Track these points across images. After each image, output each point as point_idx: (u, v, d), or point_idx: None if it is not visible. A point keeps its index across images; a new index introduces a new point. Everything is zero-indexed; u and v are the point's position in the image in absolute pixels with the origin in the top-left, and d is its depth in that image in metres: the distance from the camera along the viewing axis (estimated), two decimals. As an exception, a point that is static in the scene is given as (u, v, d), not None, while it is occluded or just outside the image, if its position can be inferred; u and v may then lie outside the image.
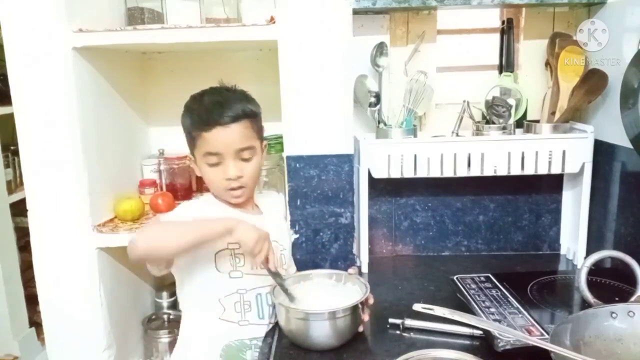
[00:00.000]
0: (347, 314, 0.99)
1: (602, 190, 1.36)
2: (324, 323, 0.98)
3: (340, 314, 0.98)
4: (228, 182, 1.06)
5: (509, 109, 1.38)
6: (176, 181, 1.57)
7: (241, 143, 1.05)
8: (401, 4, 1.32)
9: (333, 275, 1.13)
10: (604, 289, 1.15)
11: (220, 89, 1.11)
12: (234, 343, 1.09)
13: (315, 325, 0.99)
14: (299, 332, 1.01)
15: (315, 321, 0.98)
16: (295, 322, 1.01)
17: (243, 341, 1.09)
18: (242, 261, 1.10)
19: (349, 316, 0.99)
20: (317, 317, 0.99)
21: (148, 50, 1.62)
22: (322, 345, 1.00)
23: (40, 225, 1.31)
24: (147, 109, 1.67)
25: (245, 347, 1.10)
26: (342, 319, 0.98)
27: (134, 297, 1.56)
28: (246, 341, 1.10)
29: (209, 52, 1.61)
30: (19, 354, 2.13)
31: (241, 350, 1.09)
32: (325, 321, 0.98)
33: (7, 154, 2.20)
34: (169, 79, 1.65)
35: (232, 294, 1.09)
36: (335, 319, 0.98)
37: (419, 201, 1.51)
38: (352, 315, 1.00)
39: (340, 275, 1.12)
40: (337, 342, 1.00)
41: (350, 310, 0.99)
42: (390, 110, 1.50)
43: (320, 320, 0.98)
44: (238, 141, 1.05)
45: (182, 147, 1.62)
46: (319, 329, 0.99)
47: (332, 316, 0.98)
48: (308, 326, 0.99)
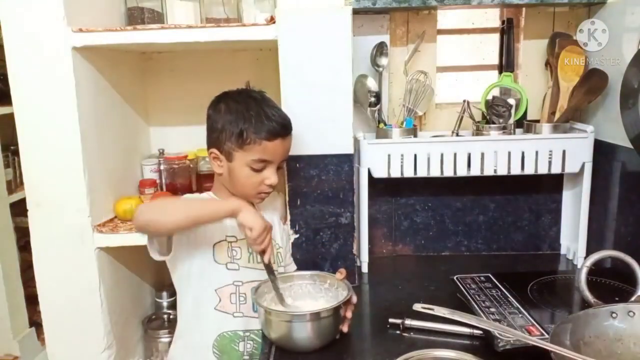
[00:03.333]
0: (329, 315, 0.98)
1: (602, 190, 1.36)
2: (306, 325, 0.98)
3: (323, 314, 0.98)
4: (265, 187, 1.10)
5: (509, 109, 1.38)
6: (176, 181, 1.57)
7: (286, 155, 1.14)
8: (401, 4, 1.32)
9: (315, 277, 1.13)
10: (604, 289, 1.15)
11: (269, 98, 1.15)
12: (227, 334, 1.12)
13: (298, 327, 0.98)
14: (281, 334, 1.00)
15: (297, 322, 0.98)
16: (277, 324, 1.00)
17: (237, 332, 1.12)
18: (239, 254, 1.13)
19: (331, 317, 0.99)
20: (299, 319, 0.99)
21: (148, 50, 1.62)
22: (305, 347, 1.00)
23: (40, 225, 1.31)
24: (147, 109, 1.67)
25: (238, 338, 1.12)
26: (324, 319, 0.98)
27: (134, 297, 1.56)
28: (240, 332, 1.12)
29: (209, 52, 1.61)
30: (19, 354, 2.13)
31: (234, 340, 1.12)
32: (307, 322, 0.98)
33: (7, 154, 2.20)
34: (169, 79, 1.65)
35: (228, 285, 1.11)
36: (318, 320, 0.98)
37: (419, 201, 1.51)
38: (334, 316, 0.99)
39: (333, 279, 1.11)
40: (320, 343, 1.00)
41: (332, 312, 0.99)
42: (390, 110, 1.51)
43: (302, 322, 0.98)
44: (286, 153, 1.13)
45: (182, 147, 1.64)
46: (301, 331, 0.98)
47: (314, 317, 0.98)
48: (290, 328, 0.99)
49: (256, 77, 1.63)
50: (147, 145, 1.68)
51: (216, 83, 1.64)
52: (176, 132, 1.68)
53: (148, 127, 1.69)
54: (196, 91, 1.64)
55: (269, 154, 1.08)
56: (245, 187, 1.11)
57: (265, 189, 1.11)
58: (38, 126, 1.27)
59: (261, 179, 1.09)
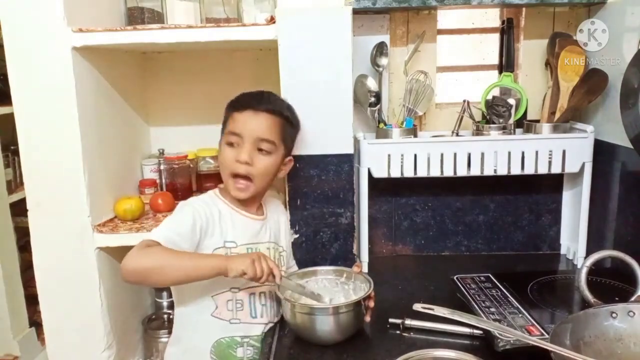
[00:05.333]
0: (350, 310, 1.02)
1: (602, 190, 1.36)
2: (329, 318, 1.02)
3: (343, 309, 1.02)
4: (236, 164, 1.07)
5: (509, 109, 1.38)
6: (176, 181, 1.57)
7: (263, 133, 1.08)
8: (401, 4, 1.32)
9: (342, 273, 1.17)
10: (604, 289, 1.15)
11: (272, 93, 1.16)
12: (224, 340, 1.11)
13: (320, 320, 1.03)
14: (305, 326, 1.05)
15: (320, 316, 1.03)
16: (301, 316, 1.04)
17: (234, 338, 1.12)
18: None
19: (352, 312, 1.02)
20: (322, 312, 1.03)
21: (148, 50, 1.62)
22: (327, 340, 1.03)
23: (40, 225, 1.31)
24: (147, 109, 1.67)
25: (236, 343, 1.11)
26: (345, 314, 1.02)
27: (134, 297, 1.56)
28: (237, 338, 1.12)
29: (209, 52, 1.61)
30: (19, 354, 2.13)
31: (231, 346, 1.11)
32: (329, 316, 1.02)
33: (7, 154, 2.20)
34: (169, 79, 1.65)
35: (225, 292, 1.10)
36: (339, 314, 1.01)
37: (419, 201, 1.51)
38: (355, 310, 1.03)
39: (350, 273, 1.16)
40: (341, 336, 1.03)
41: (353, 306, 1.03)
42: (390, 110, 1.51)
43: (324, 315, 1.02)
44: (261, 130, 1.08)
45: (182, 147, 1.64)
46: (324, 324, 1.03)
47: (336, 311, 1.01)
48: (313, 321, 1.03)
49: (256, 77, 1.65)
50: (147, 145, 1.68)
51: (216, 83, 1.65)
52: (176, 132, 1.68)
53: (148, 127, 1.69)
54: (196, 91, 1.65)
55: (239, 126, 1.08)
56: (223, 167, 1.11)
57: (238, 168, 1.08)
58: (38, 126, 1.26)
59: (234, 155, 1.08)
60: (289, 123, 1.14)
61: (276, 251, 1.19)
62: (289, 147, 1.16)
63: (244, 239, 1.12)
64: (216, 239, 1.09)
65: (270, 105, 1.10)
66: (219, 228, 1.10)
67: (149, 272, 1.00)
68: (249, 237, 1.13)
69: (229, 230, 1.11)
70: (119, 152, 1.48)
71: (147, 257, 0.99)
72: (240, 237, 1.11)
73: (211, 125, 1.65)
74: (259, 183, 1.11)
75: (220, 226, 1.10)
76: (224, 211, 1.13)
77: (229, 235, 1.11)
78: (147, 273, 1.00)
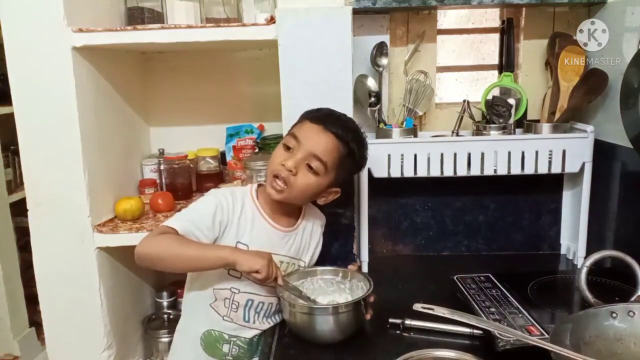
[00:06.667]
0: (350, 309, 1.02)
1: (602, 190, 1.36)
2: (329, 318, 1.02)
3: (343, 309, 1.02)
4: (280, 167, 1.07)
5: (509, 109, 1.38)
6: (176, 181, 1.57)
7: (319, 151, 1.06)
8: (401, 4, 1.32)
9: (339, 272, 1.16)
10: (604, 289, 1.15)
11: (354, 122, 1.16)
12: (214, 332, 1.13)
13: (320, 320, 1.03)
14: (304, 326, 1.05)
15: (320, 315, 1.03)
16: (301, 316, 1.05)
17: (223, 334, 1.13)
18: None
19: (352, 311, 1.02)
20: (322, 312, 1.03)
21: (148, 50, 1.62)
22: (327, 340, 1.03)
23: (40, 225, 1.31)
24: (147, 109, 1.67)
25: (223, 339, 1.13)
26: (345, 314, 1.02)
27: (134, 297, 1.56)
28: (225, 335, 1.13)
29: (209, 52, 1.61)
30: (19, 353, 2.13)
31: (219, 340, 1.13)
32: (329, 316, 1.02)
33: (7, 154, 2.20)
34: (169, 79, 1.65)
35: (225, 289, 1.11)
36: (338, 314, 1.02)
37: (419, 201, 1.51)
38: (355, 310, 1.03)
39: (346, 272, 1.15)
40: (341, 336, 1.03)
41: (352, 306, 1.03)
42: (390, 110, 1.50)
43: (324, 315, 1.03)
44: (319, 148, 1.06)
45: (182, 147, 1.64)
46: (324, 324, 1.03)
47: (335, 311, 1.02)
48: (313, 321, 1.03)
49: (256, 77, 1.65)
50: (147, 145, 1.68)
51: (216, 83, 1.66)
52: (176, 132, 1.69)
53: (148, 127, 1.69)
54: (196, 91, 1.66)
55: (303, 134, 1.07)
56: (269, 166, 1.11)
57: (280, 170, 1.07)
58: (38, 126, 1.27)
59: (282, 158, 1.08)
60: (350, 155, 1.10)
61: (290, 266, 1.17)
62: (340, 177, 1.12)
63: (258, 244, 1.09)
64: (231, 238, 1.09)
65: (340, 130, 1.08)
66: (235, 226, 1.09)
67: (157, 259, 1.05)
68: (264, 245, 1.10)
69: (246, 232, 1.10)
70: (119, 152, 1.48)
71: (157, 245, 1.04)
72: (255, 241, 1.10)
73: (211, 125, 1.66)
74: (294, 195, 1.09)
75: (237, 224, 1.10)
76: (247, 209, 1.12)
77: (245, 237, 1.10)
78: (156, 260, 1.06)
